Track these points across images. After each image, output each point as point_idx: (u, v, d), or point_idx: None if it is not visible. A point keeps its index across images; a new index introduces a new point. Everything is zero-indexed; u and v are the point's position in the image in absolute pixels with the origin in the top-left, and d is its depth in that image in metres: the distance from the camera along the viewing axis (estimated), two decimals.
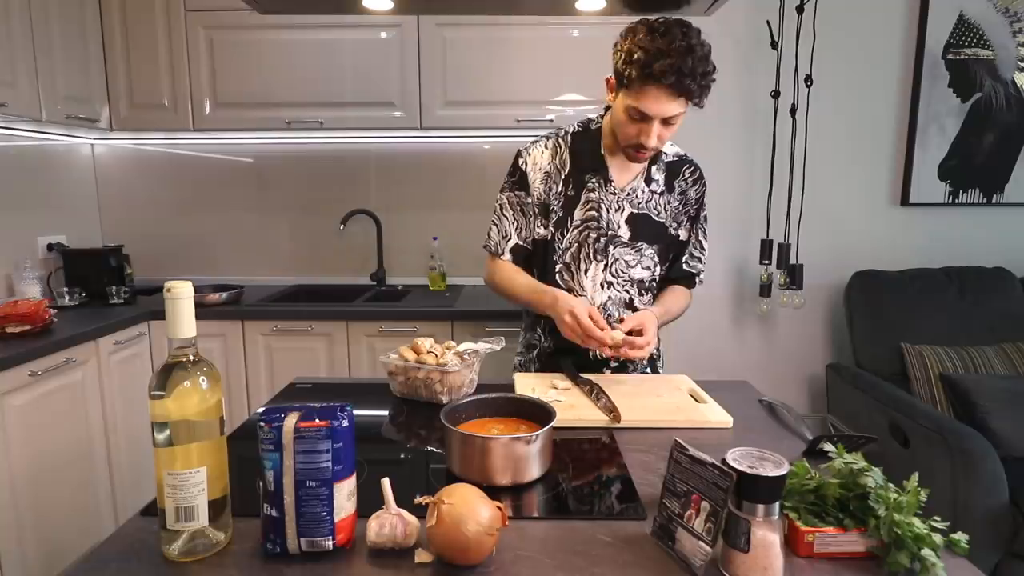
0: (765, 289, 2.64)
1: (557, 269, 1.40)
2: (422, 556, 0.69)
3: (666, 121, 1.22)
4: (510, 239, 1.42)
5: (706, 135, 2.65)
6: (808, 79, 2.49)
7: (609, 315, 1.40)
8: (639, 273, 1.40)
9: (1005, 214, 2.72)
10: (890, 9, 2.59)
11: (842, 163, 2.68)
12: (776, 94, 2.56)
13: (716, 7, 1.32)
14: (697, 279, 1.48)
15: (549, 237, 1.40)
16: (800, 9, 2.47)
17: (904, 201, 2.69)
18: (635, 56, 1.16)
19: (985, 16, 2.56)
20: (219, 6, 2.33)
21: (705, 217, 1.45)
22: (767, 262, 2.62)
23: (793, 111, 2.52)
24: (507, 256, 1.43)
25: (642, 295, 1.42)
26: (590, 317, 1.22)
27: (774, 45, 2.52)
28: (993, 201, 2.68)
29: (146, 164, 2.76)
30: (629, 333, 1.24)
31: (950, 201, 2.68)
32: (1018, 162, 2.66)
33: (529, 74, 2.36)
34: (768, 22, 2.51)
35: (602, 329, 1.22)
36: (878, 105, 2.65)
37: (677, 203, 1.40)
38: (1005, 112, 2.62)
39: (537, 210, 1.40)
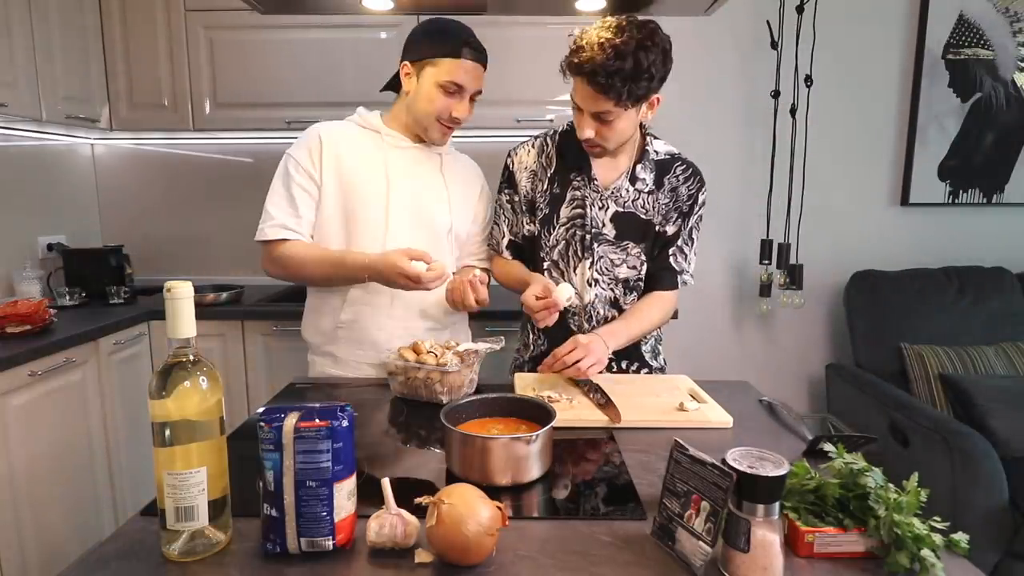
0: (765, 289, 2.64)
1: (545, 267, 1.41)
2: (422, 556, 0.69)
3: (600, 118, 1.22)
4: (505, 236, 1.48)
5: (706, 135, 2.66)
6: (808, 79, 2.49)
7: (596, 313, 1.41)
8: (624, 272, 1.40)
9: (1005, 214, 2.72)
10: (890, 9, 2.59)
11: (842, 163, 2.68)
12: (776, 94, 2.56)
13: (716, 7, 1.32)
14: (681, 279, 1.42)
15: (536, 234, 1.41)
16: (800, 9, 2.47)
17: (904, 201, 2.69)
18: (572, 46, 1.19)
19: (985, 16, 2.56)
20: (219, 6, 2.33)
21: (700, 218, 1.42)
22: (767, 262, 2.62)
23: (793, 111, 2.52)
24: (506, 254, 1.48)
25: (627, 294, 1.42)
26: (538, 297, 1.24)
27: (774, 45, 2.52)
28: (993, 201, 2.68)
29: (146, 164, 2.76)
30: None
31: (950, 201, 2.68)
32: (1018, 162, 2.65)
33: (529, 74, 2.35)
34: (768, 22, 2.51)
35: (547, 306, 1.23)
36: (878, 105, 2.65)
37: (667, 200, 1.38)
38: (1005, 112, 2.61)
39: (524, 207, 1.42)
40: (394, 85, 1.44)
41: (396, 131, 1.41)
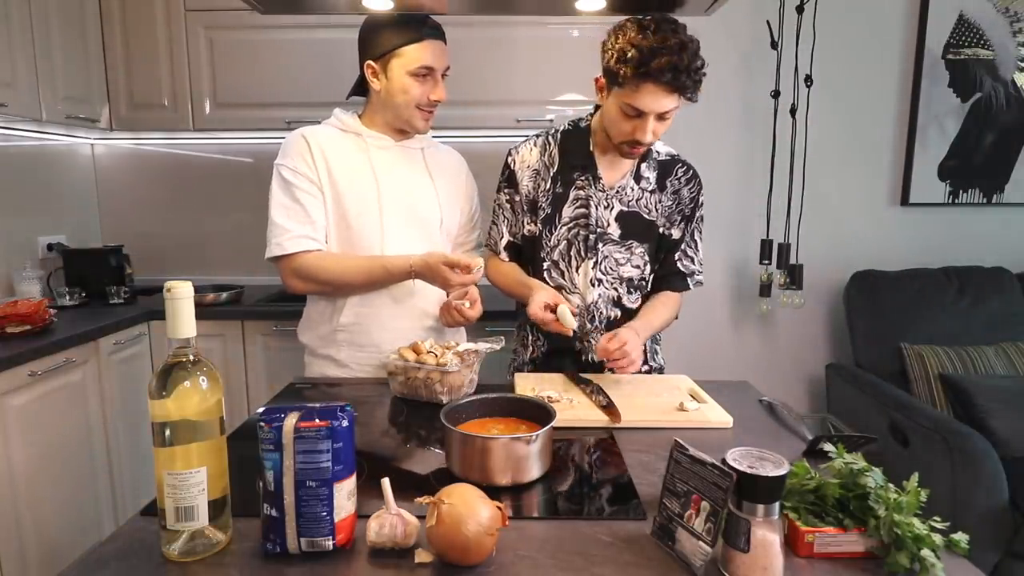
0: (765, 289, 2.64)
1: (545, 267, 1.41)
2: (422, 556, 0.69)
3: (660, 116, 1.23)
4: (503, 237, 1.47)
5: (706, 135, 2.66)
6: (808, 79, 2.49)
7: (599, 312, 1.41)
8: (628, 271, 1.40)
9: (1005, 214, 2.72)
10: (890, 9, 2.59)
11: (842, 163, 2.68)
12: (776, 94, 2.56)
13: (716, 7, 1.31)
14: (691, 281, 1.45)
15: (537, 234, 1.41)
16: (800, 9, 2.47)
17: (904, 201, 2.69)
18: (629, 54, 1.17)
19: (985, 16, 2.56)
20: (219, 6, 2.33)
21: (701, 219, 1.43)
22: (767, 262, 2.62)
23: (793, 111, 2.52)
24: (503, 254, 1.47)
25: (631, 293, 1.42)
26: (547, 305, 1.26)
27: (774, 45, 2.52)
28: (993, 201, 2.68)
29: (146, 164, 2.76)
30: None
31: (950, 201, 2.68)
32: (1018, 162, 2.65)
33: (529, 74, 2.36)
34: (768, 22, 2.51)
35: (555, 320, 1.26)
36: (878, 105, 2.65)
37: (670, 202, 1.39)
38: (1005, 112, 2.61)
39: (525, 207, 1.42)
40: (360, 90, 1.44)
41: (375, 131, 1.41)
